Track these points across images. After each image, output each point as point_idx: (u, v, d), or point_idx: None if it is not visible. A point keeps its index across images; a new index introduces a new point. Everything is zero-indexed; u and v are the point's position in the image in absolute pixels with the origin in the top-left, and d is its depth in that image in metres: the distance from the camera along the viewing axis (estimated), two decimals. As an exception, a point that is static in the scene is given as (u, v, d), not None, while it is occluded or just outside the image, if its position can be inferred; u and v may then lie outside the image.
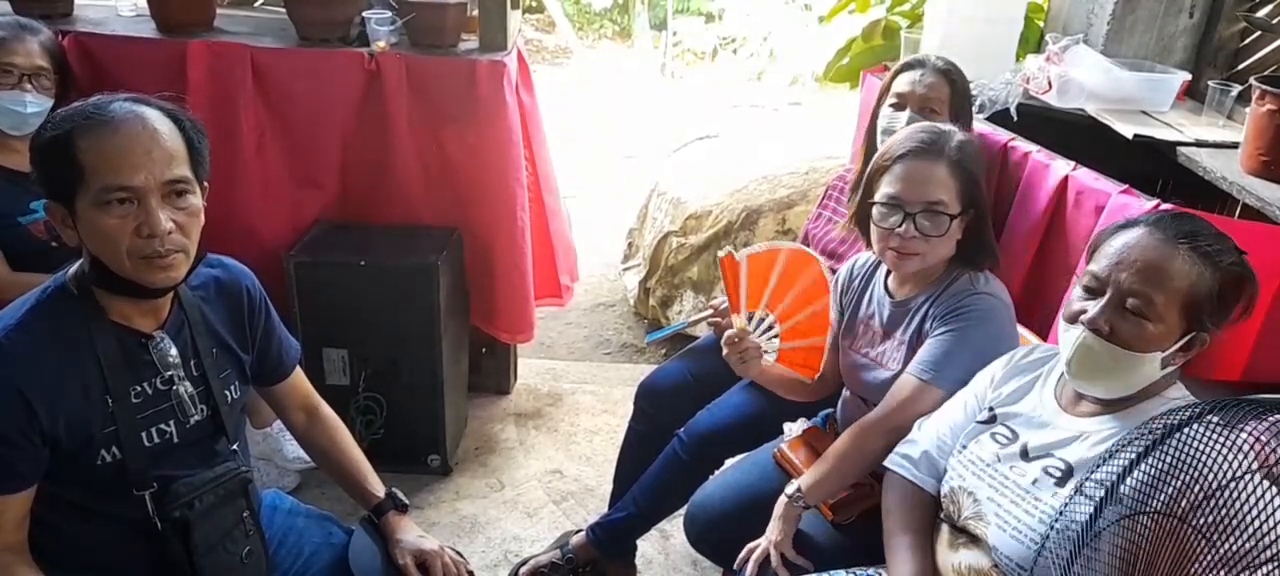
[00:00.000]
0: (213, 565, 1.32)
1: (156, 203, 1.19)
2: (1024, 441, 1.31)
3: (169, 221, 1.20)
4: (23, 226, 2.02)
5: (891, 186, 1.57)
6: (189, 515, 1.29)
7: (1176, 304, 1.18)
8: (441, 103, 2.40)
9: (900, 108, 2.00)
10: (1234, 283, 1.19)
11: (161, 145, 1.20)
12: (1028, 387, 1.37)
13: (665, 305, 3.46)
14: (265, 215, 2.47)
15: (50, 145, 1.19)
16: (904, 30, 3.03)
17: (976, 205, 1.59)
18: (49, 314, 1.24)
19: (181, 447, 1.33)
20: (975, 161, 1.60)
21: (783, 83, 6.54)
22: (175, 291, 1.33)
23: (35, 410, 1.18)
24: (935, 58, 2.04)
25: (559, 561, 2.12)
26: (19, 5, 2.42)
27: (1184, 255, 1.18)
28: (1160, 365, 1.20)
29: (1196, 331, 1.19)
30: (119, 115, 1.19)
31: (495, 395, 2.96)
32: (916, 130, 1.62)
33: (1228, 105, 2.24)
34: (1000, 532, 1.26)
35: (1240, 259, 1.20)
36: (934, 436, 1.46)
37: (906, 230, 1.55)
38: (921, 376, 1.56)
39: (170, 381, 1.31)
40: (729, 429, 1.97)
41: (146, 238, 1.19)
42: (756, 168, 3.42)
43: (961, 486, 1.35)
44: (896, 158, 1.58)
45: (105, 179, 1.17)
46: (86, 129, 1.18)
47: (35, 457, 1.21)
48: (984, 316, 1.56)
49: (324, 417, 1.62)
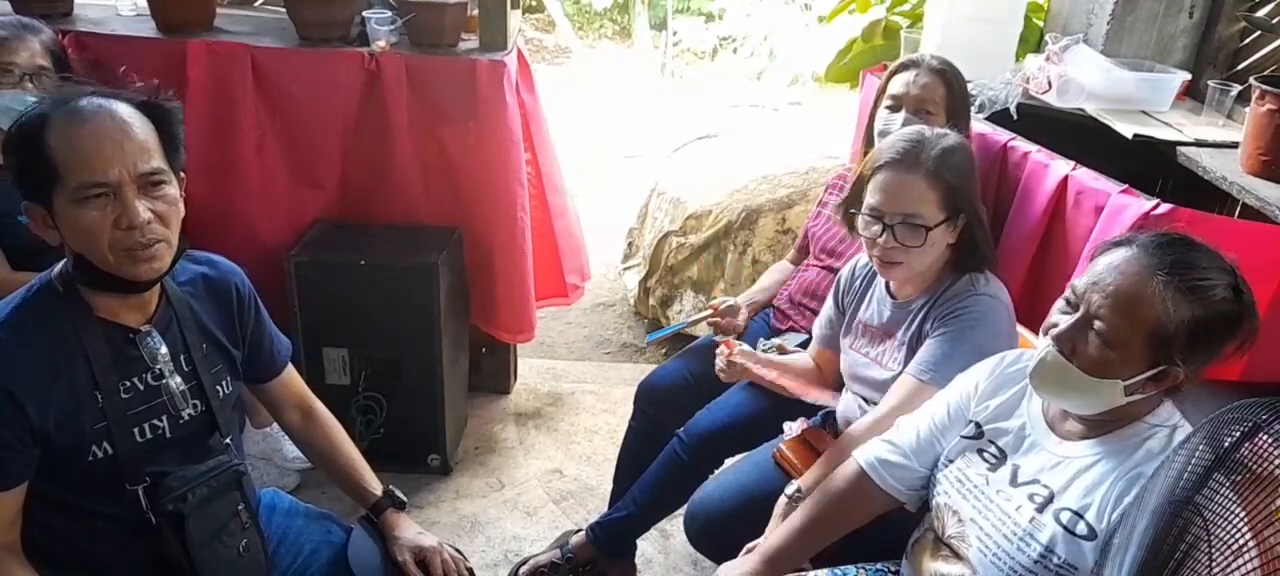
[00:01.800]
0: (210, 558, 1.32)
1: (133, 194, 1.19)
2: (1013, 464, 1.30)
3: (147, 212, 1.20)
4: (22, 226, 1.99)
5: (872, 196, 1.59)
6: (182, 508, 1.29)
7: (1141, 335, 1.14)
8: (441, 102, 2.40)
9: (896, 109, 1.99)
10: (1223, 320, 1.14)
11: (133, 138, 1.20)
12: (1016, 402, 1.35)
13: (665, 305, 3.46)
14: (265, 215, 2.47)
15: (22, 142, 1.19)
16: (904, 30, 3.03)
17: (966, 211, 1.58)
18: (36, 312, 1.24)
19: (174, 443, 1.33)
20: (958, 169, 1.58)
21: (783, 83, 6.54)
22: (163, 287, 1.33)
23: (25, 408, 1.18)
24: (931, 57, 2.02)
25: (559, 561, 2.12)
26: (19, 5, 2.43)
27: (1160, 286, 1.13)
28: (1123, 392, 1.16)
29: (1166, 365, 1.15)
30: (88, 110, 1.19)
31: (495, 395, 2.96)
32: (898, 138, 1.62)
33: (1227, 105, 2.24)
34: (981, 556, 1.26)
35: (1236, 296, 1.15)
36: (908, 443, 1.44)
37: (886, 240, 1.56)
38: (919, 376, 1.56)
39: (160, 376, 1.31)
40: (728, 428, 1.97)
41: (126, 230, 1.19)
42: (756, 167, 3.42)
43: (948, 503, 1.35)
44: (877, 166, 1.59)
45: (80, 176, 1.17)
46: (56, 126, 1.17)
47: (26, 456, 1.21)
48: (982, 317, 1.57)
49: (319, 417, 1.62)
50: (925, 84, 1.97)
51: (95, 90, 1.23)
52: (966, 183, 1.59)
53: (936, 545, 1.36)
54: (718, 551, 1.85)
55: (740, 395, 2.01)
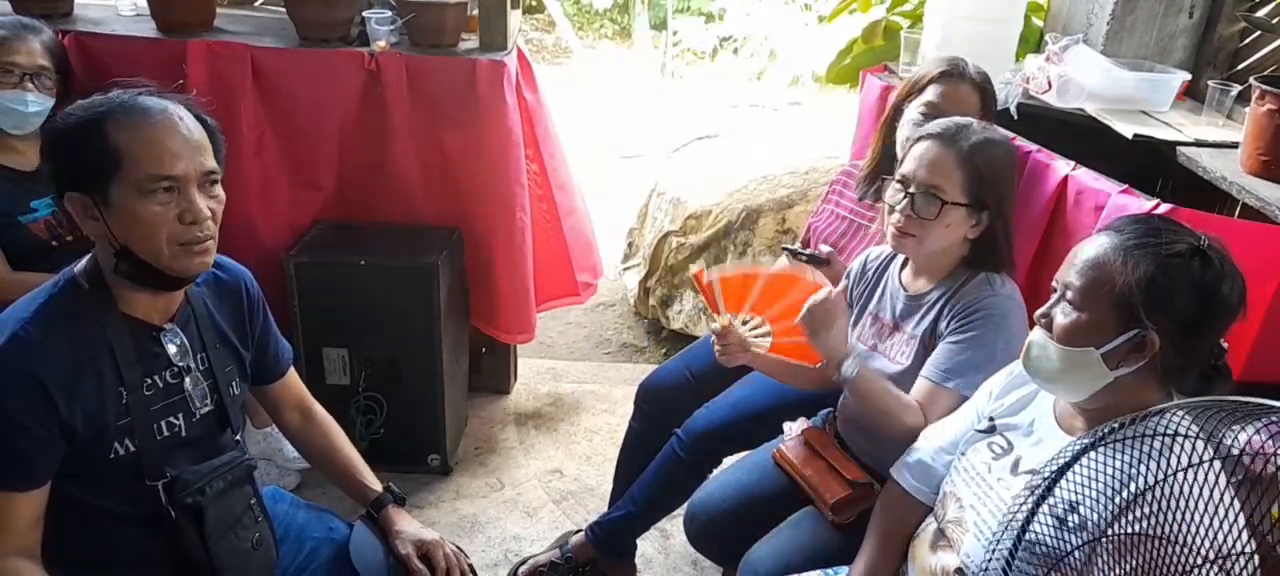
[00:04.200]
0: (226, 551, 1.33)
1: (196, 191, 1.24)
2: (1017, 455, 1.32)
3: (207, 209, 1.25)
4: (23, 225, 2.02)
5: (907, 163, 1.61)
6: (201, 501, 1.31)
7: (1104, 295, 1.17)
8: (441, 102, 2.40)
9: (930, 116, 1.96)
10: (1186, 281, 1.14)
11: (196, 138, 1.26)
12: (1028, 399, 1.38)
13: (665, 305, 3.47)
14: (265, 215, 2.47)
15: (78, 132, 1.20)
16: (905, 31, 3.03)
17: (990, 208, 1.58)
18: (62, 306, 1.25)
19: (189, 442, 1.34)
20: (993, 163, 1.58)
21: (783, 83, 6.54)
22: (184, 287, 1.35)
23: (53, 399, 1.19)
24: (974, 70, 1.96)
25: (559, 561, 2.12)
26: (20, 4, 2.43)
27: (1118, 247, 1.17)
28: (1103, 364, 1.18)
29: (1136, 329, 1.16)
30: (154, 107, 1.23)
31: (495, 395, 2.96)
32: (949, 120, 1.64)
33: (1227, 105, 2.24)
34: (975, 542, 1.27)
35: (1203, 260, 1.14)
36: (934, 446, 1.48)
37: (905, 207, 1.57)
38: (937, 380, 1.57)
39: (180, 375, 1.33)
40: (728, 427, 1.97)
41: (189, 224, 1.23)
42: (756, 168, 3.42)
43: (952, 491, 1.37)
44: (919, 137, 1.62)
45: (149, 168, 1.20)
46: (121, 118, 1.20)
47: (51, 449, 1.21)
48: (1000, 320, 1.57)
49: (318, 417, 1.64)
50: (964, 99, 1.92)
51: (152, 90, 1.27)
52: (998, 179, 1.59)
53: (936, 536, 1.38)
54: (718, 551, 1.86)
55: (740, 394, 2.01)
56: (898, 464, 1.52)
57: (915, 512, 1.47)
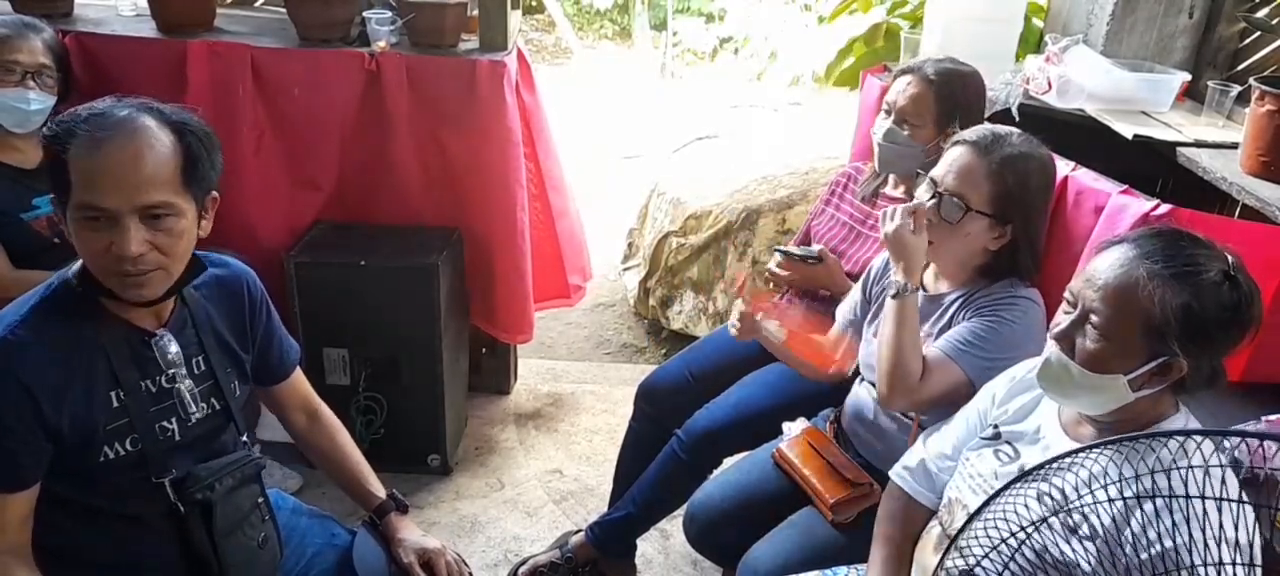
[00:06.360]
0: (234, 548, 1.33)
1: (132, 224, 1.17)
2: (1023, 462, 1.31)
3: (142, 244, 1.18)
4: (25, 223, 2.02)
5: (939, 165, 1.61)
6: (211, 497, 1.31)
7: (1135, 326, 1.14)
8: (441, 103, 2.40)
9: (887, 114, 1.99)
10: (1218, 305, 1.12)
11: (142, 168, 1.17)
12: (1032, 406, 1.37)
13: (665, 305, 3.47)
14: (265, 215, 2.47)
15: (49, 146, 1.19)
16: (905, 32, 3.03)
17: (1015, 222, 1.58)
18: (54, 309, 1.24)
19: (184, 446, 1.33)
20: (1022, 178, 1.57)
21: (783, 83, 6.53)
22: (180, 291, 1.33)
23: (40, 404, 1.19)
24: (932, 65, 1.97)
25: (559, 561, 2.13)
26: (20, 4, 2.43)
27: (1148, 274, 1.13)
28: (1128, 387, 1.16)
29: (1166, 355, 1.14)
30: (109, 129, 1.17)
31: (495, 395, 2.96)
32: (987, 128, 1.63)
33: (1227, 105, 2.24)
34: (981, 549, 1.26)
35: (1232, 282, 1.13)
36: (935, 451, 1.48)
37: (930, 209, 1.58)
38: (947, 351, 1.56)
39: (171, 380, 1.32)
40: (728, 428, 1.97)
41: (118, 257, 1.18)
42: (756, 168, 3.42)
43: (957, 498, 1.36)
44: (956, 142, 1.62)
45: (81, 195, 1.17)
46: (82, 137, 1.17)
47: (38, 453, 1.21)
48: (1021, 315, 1.57)
49: (324, 419, 1.63)
50: (913, 95, 1.94)
51: (131, 103, 1.22)
52: (1027, 193, 1.58)
53: (941, 540, 1.37)
54: (717, 552, 1.86)
55: (740, 394, 2.01)
56: (898, 466, 1.52)
57: (919, 516, 1.46)
